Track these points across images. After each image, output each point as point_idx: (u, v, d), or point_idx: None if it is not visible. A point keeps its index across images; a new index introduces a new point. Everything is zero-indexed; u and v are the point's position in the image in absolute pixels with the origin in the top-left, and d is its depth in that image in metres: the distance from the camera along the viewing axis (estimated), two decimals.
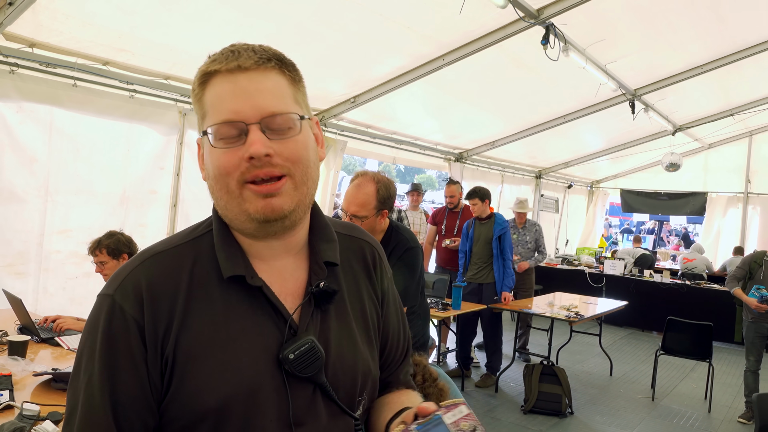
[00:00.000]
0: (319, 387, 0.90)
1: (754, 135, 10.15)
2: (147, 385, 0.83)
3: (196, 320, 0.85)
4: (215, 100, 0.85)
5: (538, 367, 5.08)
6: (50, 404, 2.01)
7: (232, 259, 0.89)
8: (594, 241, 12.28)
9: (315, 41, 4.39)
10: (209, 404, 0.83)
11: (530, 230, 6.60)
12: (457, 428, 0.83)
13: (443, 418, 0.84)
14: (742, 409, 5.31)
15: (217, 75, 0.86)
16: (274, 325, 0.89)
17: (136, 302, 0.84)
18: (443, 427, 0.83)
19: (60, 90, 3.81)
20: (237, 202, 0.86)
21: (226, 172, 0.85)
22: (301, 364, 0.87)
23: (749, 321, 5.07)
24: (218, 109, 0.85)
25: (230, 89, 0.84)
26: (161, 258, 0.89)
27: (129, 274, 0.86)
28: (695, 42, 5.93)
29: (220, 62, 0.85)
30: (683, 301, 8.41)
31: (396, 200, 2.84)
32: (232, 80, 0.85)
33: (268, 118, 0.84)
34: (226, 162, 0.84)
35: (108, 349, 0.83)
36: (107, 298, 0.85)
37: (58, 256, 4.02)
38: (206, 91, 0.87)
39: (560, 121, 7.36)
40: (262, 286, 0.89)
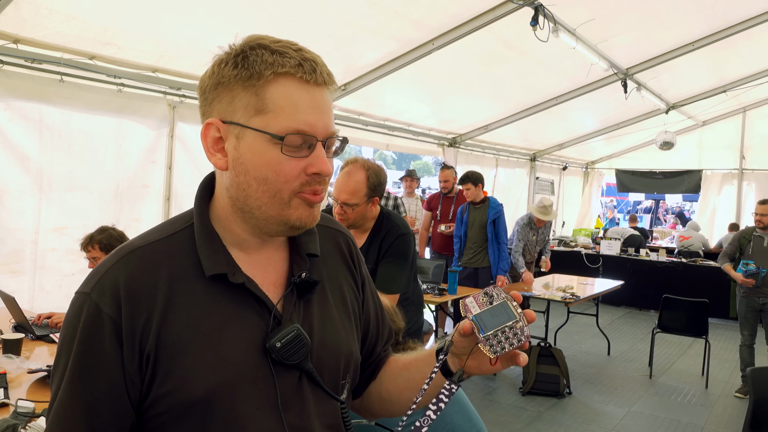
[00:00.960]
0: (305, 373, 0.92)
1: (747, 111, 10.14)
2: (122, 384, 0.84)
3: (179, 314, 0.85)
4: (287, 103, 0.84)
5: (536, 349, 5.12)
6: (45, 401, 2.01)
7: (214, 257, 0.89)
8: (590, 222, 12.30)
9: (304, 29, 4.36)
10: (197, 394, 0.84)
11: (548, 226, 6.54)
12: (514, 305, 0.90)
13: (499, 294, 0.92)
14: (739, 384, 5.37)
15: (290, 77, 0.85)
16: (258, 316, 0.90)
17: (113, 300, 0.83)
18: (507, 306, 0.90)
19: (47, 86, 3.78)
20: (280, 208, 0.87)
21: (285, 179, 0.85)
22: (288, 351, 0.88)
23: (741, 296, 5.15)
24: (291, 115, 0.84)
25: (308, 100, 0.85)
26: (140, 254, 0.88)
27: (106, 272, 0.86)
28: (687, 19, 5.90)
29: (298, 69, 0.85)
30: (679, 279, 8.46)
31: (392, 187, 2.84)
32: (309, 91, 0.85)
33: (330, 138, 0.89)
34: (289, 170, 0.85)
35: (83, 349, 0.83)
36: (84, 296, 0.85)
37: (54, 253, 4.01)
38: (271, 86, 0.84)
39: (553, 102, 7.34)
40: (245, 282, 0.89)
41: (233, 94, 0.85)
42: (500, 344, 0.87)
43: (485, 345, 0.87)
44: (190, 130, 4.65)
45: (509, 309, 0.89)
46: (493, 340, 0.87)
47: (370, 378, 1.14)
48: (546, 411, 4.66)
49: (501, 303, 0.90)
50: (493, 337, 0.87)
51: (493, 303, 0.90)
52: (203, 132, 0.89)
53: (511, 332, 0.87)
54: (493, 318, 0.89)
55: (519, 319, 0.88)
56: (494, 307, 0.90)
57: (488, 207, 5.72)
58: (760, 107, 10.02)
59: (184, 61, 4.30)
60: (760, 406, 2.92)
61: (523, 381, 5.08)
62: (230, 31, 0.90)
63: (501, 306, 0.90)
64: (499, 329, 0.87)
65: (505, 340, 0.87)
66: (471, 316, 0.90)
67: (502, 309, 0.89)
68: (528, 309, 0.91)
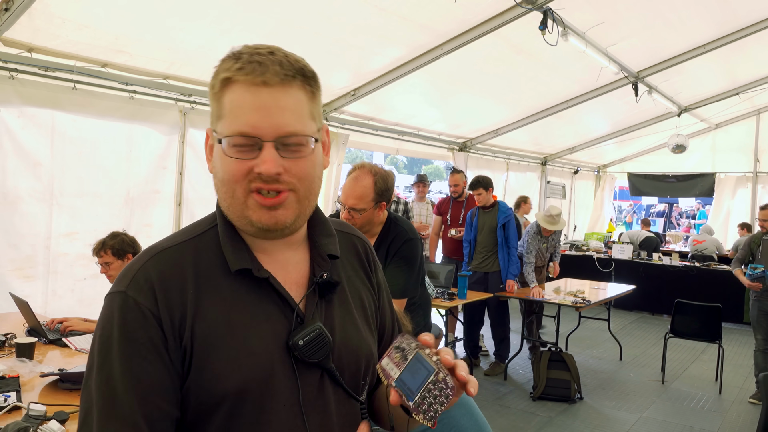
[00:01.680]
0: (327, 372, 0.94)
1: (761, 113, 10.03)
2: (173, 373, 0.85)
3: (209, 310, 0.88)
4: (234, 107, 0.86)
5: (546, 354, 5.09)
6: (57, 404, 2.04)
7: (238, 253, 0.92)
8: (602, 226, 12.22)
9: (313, 35, 4.39)
10: (227, 389, 0.85)
11: (557, 233, 6.36)
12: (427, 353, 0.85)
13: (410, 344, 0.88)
14: (753, 390, 5.30)
15: (239, 82, 0.86)
16: (281, 314, 0.92)
17: (150, 295, 0.85)
18: (421, 358, 0.84)
19: (60, 93, 3.84)
20: (241, 208, 0.89)
21: (234, 180, 0.87)
22: (311, 349, 0.90)
23: (753, 299, 5.12)
24: (236, 118, 0.85)
25: (251, 102, 0.85)
26: (168, 254, 0.91)
27: (139, 270, 0.88)
28: (697, 21, 5.86)
29: (246, 72, 0.85)
30: (693, 284, 8.38)
31: (402, 192, 2.85)
32: (254, 93, 0.85)
33: (284, 137, 0.86)
34: (236, 171, 0.87)
35: (127, 342, 0.84)
36: (119, 294, 0.86)
37: (66, 258, 4.06)
38: (226, 93, 0.87)
39: (563, 106, 7.31)
40: (269, 277, 0.92)
41: (212, 102, 0.91)
42: (431, 408, 0.80)
43: (419, 414, 0.80)
44: (201, 136, 4.64)
45: (424, 360, 0.83)
46: (423, 405, 0.80)
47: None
48: (557, 416, 4.63)
49: (414, 356, 0.84)
50: (422, 401, 0.80)
51: (407, 358, 0.85)
52: (205, 139, 0.95)
53: (436, 389, 0.80)
54: (413, 377, 0.82)
55: (438, 370, 0.80)
56: (410, 363, 0.84)
57: (498, 211, 5.71)
58: None
59: (194, 67, 4.35)
60: None
61: (534, 386, 5.06)
62: (239, 38, 0.92)
63: (415, 359, 0.84)
64: (424, 389, 0.80)
65: (434, 401, 0.80)
66: (392, 382, 0.84)
67: (418, 363, 0.83)
68: (443, 348, 0.85)
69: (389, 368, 0.87)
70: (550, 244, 6.30)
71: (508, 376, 5.56)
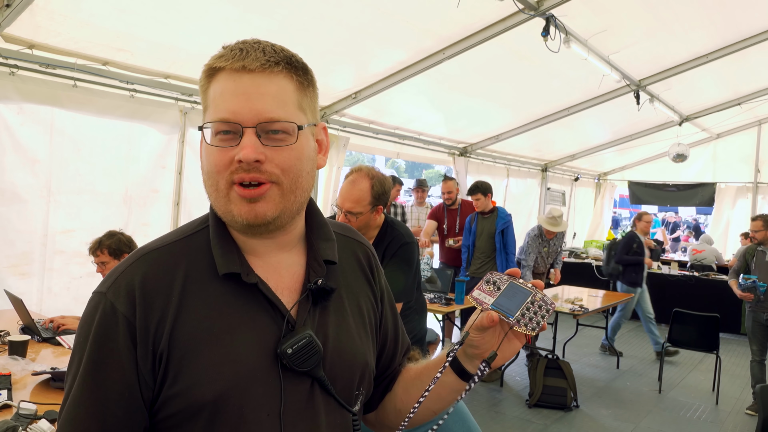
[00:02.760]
0: (317, 381, 0.91)
1: (762, 124, 10.03)
2: (135, 383, 0.83)
3: (192, 315, 0.85)
4: (217, 96, 0.85)
5: (543, 361, 5.07)
6: (48, 403, 2.03)
7: (227, 256, 0.89)
8: (602, 234, 12.20)
9: (315, 37, 4.38)
10: (206, 397, 0.83)
11: (559, 237, 6.37)
12: (520, 282, 0.93)
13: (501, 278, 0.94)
14: (750, 401, 5.28)
15: (223, 71, 0.85)
16: (272, 320, 0.89)
17: (128, 300, 0.84)
18: (515, 285, 0.93)
19: (60, 91, 3.83)
20: (224, 202, 0.87)
21: (216, 170, 0.85)
22: (299, 358, 0.87)
23: (748, 310, 5.13)
24: (218, 106, 0.85)
25: (232, 89, 0.84)
26: (156, 255, 0.89)
27: (123, 273, 0.87)
28: (700, 30, 5.86)
29: (226, 59, 0.85)
30: (691, 293, 8.36)
31: (403, 196, 2.85)
32: (236, 79, 0.84)
33: (265, 123, 0.84)
34: (218, 160, 0.85)
35: (97, 348, 0.83)
36: (100, 296, 0.86)
37: (62, 256, 4.05)
38: (211, 85, 0.87)
39: (565, 113, 7.31)
40: (258, 282, 0.89)
41: (202, 101, 0.91)
42: (533, 320, 0.89)
43: (521, 326, 0.89)
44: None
45: (520, 287, 0.91)
46: (524, 319, 0.89)
47: (386, 391, 1.12)
48: (552, 424, 4.61)
49: (509, 284, 0.92)
50: (523, 317, 0.89)
51: (500, 288, 0.92)
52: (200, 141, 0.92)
53: (536, 306, 0.90)
54: (511, 300, 0.90)
55: (534, 292, 0.91)
56: (505, 291, 0.91)
57: (497, 217, 5.69)
58: None
59: (196, 67, 4.32)
60: None
61: (530, 393, 5.03)
62: (241, 38, 0.90)
63: (510, 287, 0.92)
64: (524, 307, 0.89)
65: (535, 315, 0.89)
66: (489, 305, 0.91)
67: (514, 289, 0.91)
68: (536, 281, 0.94)
69: (482, 297, 0.92)
70: (552, 249, 6.28)
71: (504, 383, 5.54)
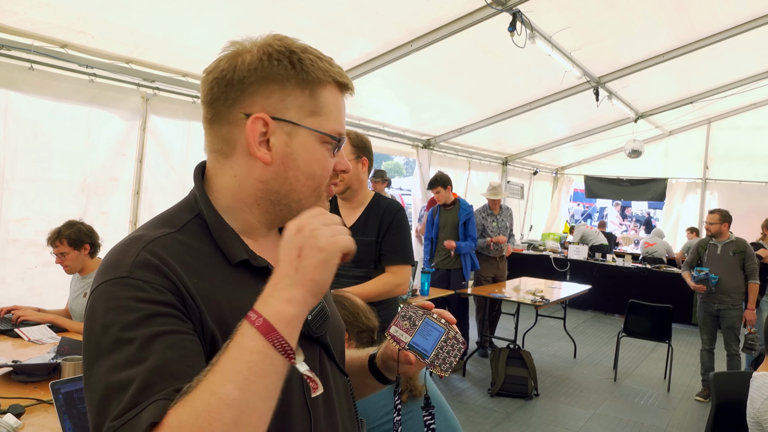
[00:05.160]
0: (323, 347, 0.96)
1: (712, 122, 10.45)
2: (200, 337, 0.79)
3: (222, 297, 0.84)
4: (334, 108, 0.92)
5: (505, 351, 5.17)
6: (12, 397, 1.96)
7: (235, 244, 0.90)
8: (559, 227, 12.50)
9: (283, 25, 4.32)
10: None
11: (506, 214, 6.53)
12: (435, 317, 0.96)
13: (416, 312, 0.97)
14: (699, 388, 5.52)
15: (333, 85, 0.92)
16: None
17: (160, 273, 0.78)
18: (430, 322, 0.95)
19: (15, 73, 3.66)
20: (315, 200, 0.93)
21: (327, 175, 0.93)
22: (316, 323, 0.92)
23: (700, 301, 5.34)
24: (335, 119, 0.92)
25: (342, 107, 0.94)
26: (162, 241, 0.84)
27: (140, 252, 0.80)
28: (658, 31, 6.04)
29: (338, 76, 0.92)
30: (644, 285, 8.65)
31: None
32: (341, 99, 0.95)
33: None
34: (329, 166, 0.93)
35: (149, 318, 0.74)
36: (122, 279, 0.77)
37: (16, 245, 3.89)
38: (325, 91, 0.91)
39: (526, 108, 7.43)
40: (267, 265, 0.91)
41: (287, 92, 0.88)
42: (446, 361, 0.92)
43: (435, 367, 0.92)
44: (163, 123, 4.56)
45: (434, 324, 0.94)
46: (438, 359, 0.92)
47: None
48: (514, 412, 4.72)
49: (424, 321, 0.94)
50: (437, 357, 0.92)
51: (416, 324, 0.94)
52: (250, 125, 0.86)
53: (449, 344, 0.92)
54: (426, 339, 0.93)
55: (448, 330, 0.93)
56: (421, 328, 0.94)
57: (459, 208, 5.76)
58: (724, 119, 10.34)
59: (159, 53, 4.22)
60: (723, 410, 3.00)
61: (492, 382, 5.13)
62: (207, 26, 0.90)
63: (426, 324, 0.94)
64: (438, 347, 0.92)
65: (448, 355, 0.92)
66: (405, 345, 0.94)
67: (429, 327, 0.94)
68: (441, 310, 0.97)
69: (398, 334, 0.95)
70: (501, 224, 6.40)
71: (466, 372, 5.63)
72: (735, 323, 5.16)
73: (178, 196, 1.00)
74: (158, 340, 0.73)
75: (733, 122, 10.30)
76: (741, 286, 5.16)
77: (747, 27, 6.04)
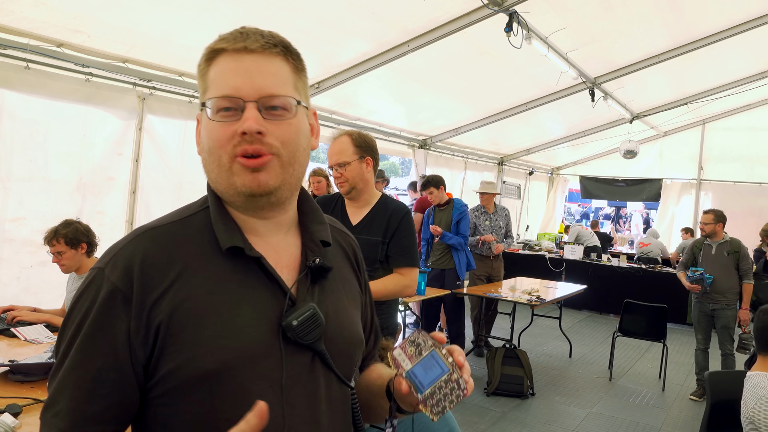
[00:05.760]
0: (318, 355, 0.93)
1: (706, 123, 10.50)
2: (128, 358, 0.84)
3: (193, 290, 0.87)
4: (218, 76, 0.88)
5: (501, 350, 5.18)
6: (9, 396, 1.96)
7: (230, 232, 0.91)
8: (554, 227, 12.53)
9: (281, 25, 4.30)
10: (208, 367, 0.84)
11: (501, 214, 6.49)
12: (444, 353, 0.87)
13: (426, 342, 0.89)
14: (694, 387, 5.55)
15: (224, 53, 0.89)
16: (272, 296, 0.91)
17: (125, 274, 0.85)
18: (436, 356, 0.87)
19: (11, 72, 3.65)
20: (227, 175, 0.88)
21: (219, 145, 0.87)
22: (303, 330, 0.89)
23: (695, 301, 5.37)
24: (219, 84, 0.88)
25: (234, 67, 0.87)
26: (156, 233, 0.90)
27: (122, 249, 0.88)
28: (653, 32, 6.07)
29: (227, 41, 0.88)
30: (639, 285, 8.68)
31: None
32: (237, 59, 0.88)
33: (265, 98, 0.87)
34: (221, 135, 0.87)
35: (91, 321, 0.84)
36: (98, 271, 0.87)
37: (12, 244, 3.88)
38: (211, 68, 0.89)
39: (522, 108, 7.45)
40: (260, 257, 0.91)
41: (201, 82, 0.93)
42: (440, 404, 0.83)
43: (426, 407, 0.83)
44: (160, 122, 4.56)
45: (440, 360, 0.86)
46: (432, 399, 0.83)
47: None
48: (510, 411, 4.73)
49: (430, 353, 0.87)
50: (431, 396, 0.84)
51: (422, 353, 0.87)
52: (196, 127, 0.94)
53: (448, 387, 0.84)
54: (426, 373, 0.85)
55: (452, 371, 0.84)
56: (425, 360, 0.86)
57: (453, 208, 5.76)
58: (719, 120, 10.39)
59: (155, 52, 4.22)
60: (717, 409, 3.02)
61: (488, 381, 5.15)
62: (204, 26, 0.92)
63: (431, 357, 0.86)
64: (436, 386, 0.84)
65: (444, 398, 0.83)
66: (404, 372, 0.87)
67: (433, 361, 0.86)
68: (454, 347, 0.88)
69: (401, 359, 0.88)
70: (494, 224, 6.38)
71: None
72: (729, 323, 5.19)
73: (175, 196, 1.02)
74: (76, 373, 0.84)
75: (728, 123, 10.36)
76: (735, 286, 5.19)
77: (741, 28, 6.07)
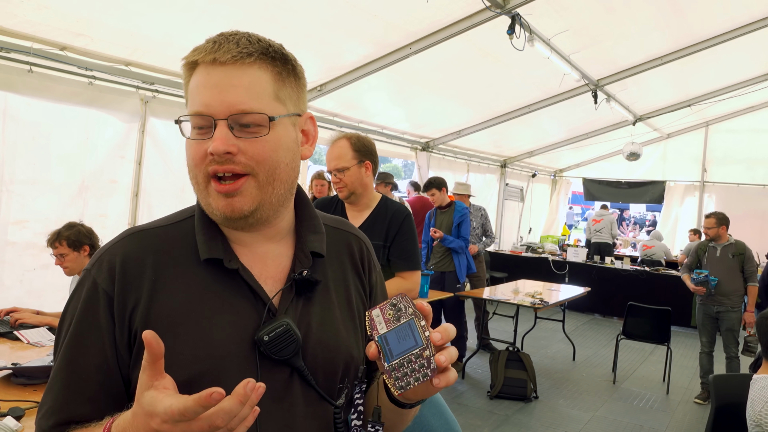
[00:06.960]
0: (297, 371, 0.89)
1: (710, 125, 10.48)
2: (114, 358, 0.85)
3: (170, 297, 0.86)
4: (193, 90, 0.86)
5: (504, 353, 5.17)
6: (11, 399, 1.95)
7: (210, 242, 0.89)
8: (557, 229, 12.51)
9: (282, 28, 4.33)
10: (179, 379, 0.79)
11: (476, 215, 6.48)
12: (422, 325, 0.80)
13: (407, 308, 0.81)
14: (698, 390, 5.52)
15: (199, 64, 0.85)
16: (252, 308, 0.89)
17: (109, 276, 0.86)
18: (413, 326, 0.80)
19: (15, 75, 3.67)
20: (203, 195, 0.87)
21: (194, 164, 0.86)
22: (276, 346, 0.86)
23: (699, 304, 5.35)
24: (194, 100, 0.85)
25: (204, 82, 0.84)
26: (141, 236, 0.91)
27: (107, 250, 0.89)
28: (656, 34, 6.06)
29: (199, 53, 0.85)
30: (643, 287, 8.65)
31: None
32: (209, 72, 0.84)
33: (236, 115, 0.83)
34: (195, 153, 0.85)
35: (78, 321, 0.86)
36: (86, 272, 0.89)
37: (14, 247, 3.89)
38: (191, 79, 0.87)
39: (525, 110, 7.44)
40: (239, 268, 0.89)
41: (185, 96, 0.90)
42: (405, 378, 0.77)
43: (390, 378, 0.78)
44: (163, 125, 4.57)
45: (417, 331, 0.79)
46: (398, 372, 0.77)
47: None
48: (513, 414, 4.71)
49: (407, 322, 0.80)
50: (398, 368, 0.77)
51: (400, 319, 0.80)
52: None
53: (417, 363, 0.77)
54: (399, 342, 0.79)
55: (426, 346, 0.77)
56: (400, 327, 0.80)
57: (454, 210, 5.75)
58: (722, 122, 10.36)
59: (158, 55, 4.23)
60: (722, 412, 3.00)
61: (491, 385, 5.13)
62: (205, 28, 0.90)
63: (407, 326, 0.79)
64: (405, 358, 0.77)
65: (410, 373, 0.77)
66: (376, 336, 0.81)
67: (409, 330, 0.79)
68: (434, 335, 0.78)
69: (378, 321, 0.82)
70: (476, 222, 6.41)
71: (465, 375, 5.63)
72: (734, 326, 5.16)
73: (177, 199, 1.02)
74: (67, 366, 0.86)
75: (731, 125, 10.33)
76: (740, 288, 5.17)
77: (744, 30, 6.06)
